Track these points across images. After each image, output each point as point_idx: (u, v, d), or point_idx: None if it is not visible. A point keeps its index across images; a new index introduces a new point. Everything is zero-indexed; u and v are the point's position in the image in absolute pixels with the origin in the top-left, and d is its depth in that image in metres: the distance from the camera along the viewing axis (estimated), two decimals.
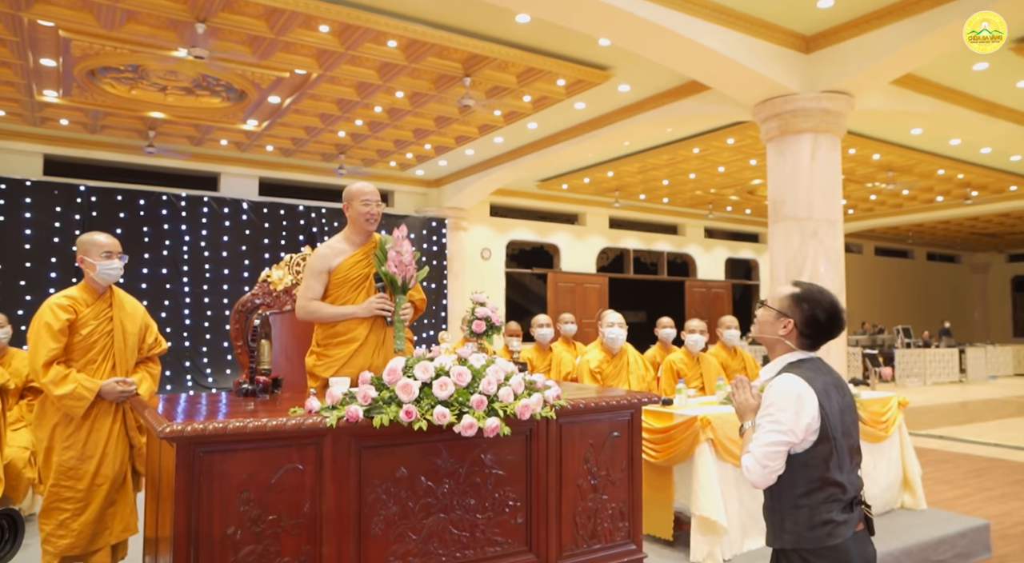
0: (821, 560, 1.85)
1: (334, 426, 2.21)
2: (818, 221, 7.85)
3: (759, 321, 2.08)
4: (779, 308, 2.01)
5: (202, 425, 2.05)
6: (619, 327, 4.39)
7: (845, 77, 7.50)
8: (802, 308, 1.98)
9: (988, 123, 9.77)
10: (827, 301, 2.01)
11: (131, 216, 10.59)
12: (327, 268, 3.02)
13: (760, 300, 2.08)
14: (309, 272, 3.05)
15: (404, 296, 2.98)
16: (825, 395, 1.88)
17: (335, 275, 3.03)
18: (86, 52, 7.48)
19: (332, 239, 3.19)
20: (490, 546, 2.54)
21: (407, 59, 8.03)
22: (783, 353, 2.01)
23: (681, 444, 3.47)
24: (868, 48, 7.26)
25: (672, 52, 7.15)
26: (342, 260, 3.06)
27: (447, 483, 2.47)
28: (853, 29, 7.32)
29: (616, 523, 2.82)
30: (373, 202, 3.11)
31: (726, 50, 7.07)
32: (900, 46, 6.99)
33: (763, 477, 1.85)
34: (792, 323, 1.98)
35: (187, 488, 2.05)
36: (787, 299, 2.01)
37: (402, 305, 2.96)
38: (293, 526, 2.20)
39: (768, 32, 7.35)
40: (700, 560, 3.34)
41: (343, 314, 2.97)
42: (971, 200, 14.90)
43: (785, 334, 1.99)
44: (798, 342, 2.00)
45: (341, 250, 3.10)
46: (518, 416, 2.37)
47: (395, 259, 2.92)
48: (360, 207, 3.10)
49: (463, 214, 14.14)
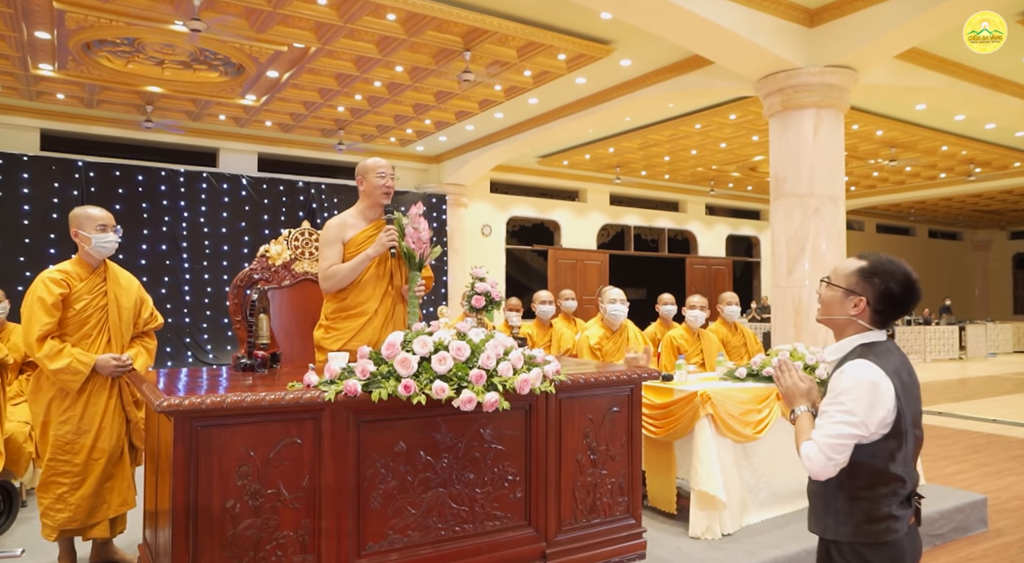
0: (876, 555, 1.76)
1: (332, 400, 2.20)
2: (820, 197, 7.80)
3: (824, 302, 1.91)
4: (847, 285, 1.85)
5: (199, 399, 2.04)
6: (620, 303, 4.37)
7: (849, 51, 7.40)
8: (873, 283, 1.82)
9: (993, 98, 9.67)
10: (900, 272, 1.84)
11: (129, 192, 10.54)
12: (341, 239, 3.03)
13: (823, 279, 1.92)
14: (325, 243, 3.06)
15: (419, 273, 2.97)
16: (900, 383, 1.74)
17: (348, 248, 3.04)
18: (81, 25, 7.37)
19: (345, 213, 3.19)
20: (489, 520, 2.54)
21: (406, 33, 7.92)
22: (854, 333, 1.85)
23: (681, 420, 3.47)
24: (872, 22, 7.16)
25: (674, 26, 7.05)
26: (355, 233, 3.07)
27: (446, 458, 2.47)
28: (857, 2, 7.22)
29: (615, 498, 2.82)
30: (388, 175, 3.11)
31: (729, 24, 6.97)
32: (905, 20, 6.90)
33: (825, 469, 1.71)
34: (864, 301, 1.82)
35: (185, 462, 2.05)
36: (854, 275, 1.85)
37: (416, 281, 2.95)
38: (292, 500, 2.20)
39: (772, 5, 7.25)
40: (699, 534, 3.36)
41: (359, 261, 2.99)
42: (974, 177, 14.81)
43: (857, 313, 1.83)
44: (870, 320, 1.84)
45: (354, 224, 3.11)
46: (517, 391, 2.36)
47: (413, 235, 2.92)
48: (376, 180, 3.09)
49: (463, 190, 14.07)
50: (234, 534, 2.11)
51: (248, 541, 2.13)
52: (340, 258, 3.01)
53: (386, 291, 3.01)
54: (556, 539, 2.67)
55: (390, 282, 3.04)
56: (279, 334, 3.58)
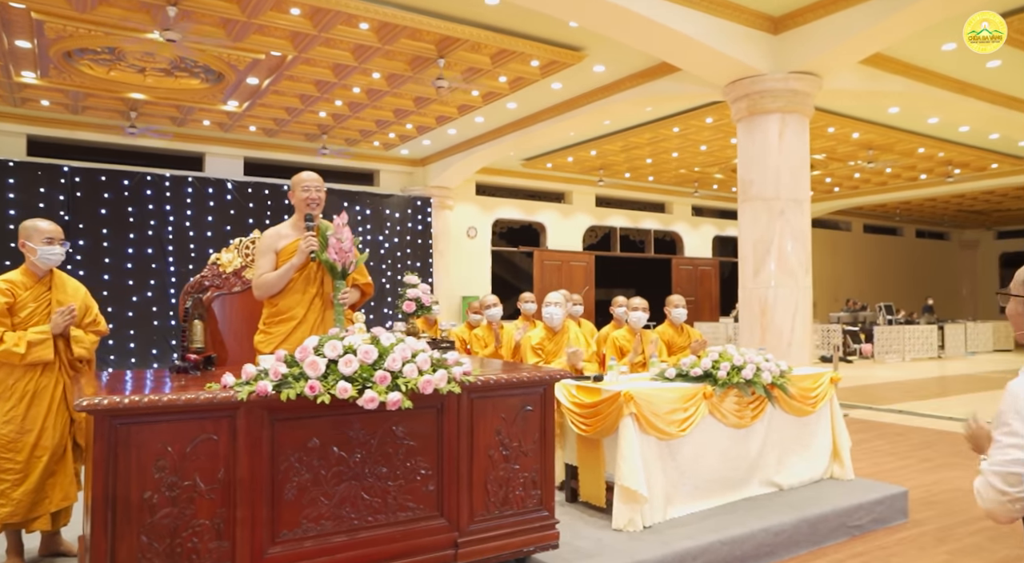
0: None
1: (245, 400, 2.39)
2: (785, 200, 7.98)
3: (1011, 316, 1.64)
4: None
5: (118, 398, 2.23)
6: (555, 306, 4.57)
7: (812, 57, 7.57)
8: None
9: (963, 102, 9.83)
10: None
11: (115, 196, 10.74)
12: (274, 249, 3.23)
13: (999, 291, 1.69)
14: (259, 253, 3.26)
15: (344, 281, 3.16)
16: None
17: (280, 257, 3.23)
18: (60, 34, 7.57)
19: (281, 224, 3.40)
20: (401, 511, 2.73)
21: (380, 41, 8.11)
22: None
23: (607, 418, 3.66)
24: (835, 28, 7.33)
25: (640, 35, 7.23)
26: (287, 243, 3.26)
27: (359, 453, 2.66)
28: (819, 10, 7.38)
29: (528, 491, 3.01)
30: (313, 188, 3.29)
31: (694, 32, 7.14)
32: (867, 26, 7.06)
33: (1000, 504, 1.44)
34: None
35: (104, 456, 2.24)
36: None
37: (341, 290, 3.14)
38: (208, 491, 2.39)
39: (736, 13, 7.42)
40: (622, 527, 3.55)
41: (285, 270, 3.18)
42: (953, 178, 14.97)
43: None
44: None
45: (287, 234, 3.31)
46: (420, 391, 2.55)
47: (335, 246, 3.10)
48: (300, 194, 3.29)
49: (448, 193, 14.25)
50: (152, 522, 2.30)
51: (165, 529, 2.32)
52: (272, 267, 3.21)
53: (315, 297, 3.20)
54: (468, 529, 2.86)
55: (319, 289, 3.24)
56: (229, 339, 3.77)
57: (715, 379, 3.90)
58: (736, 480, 4.01)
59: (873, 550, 3.72)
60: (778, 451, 4.23)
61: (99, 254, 10.59)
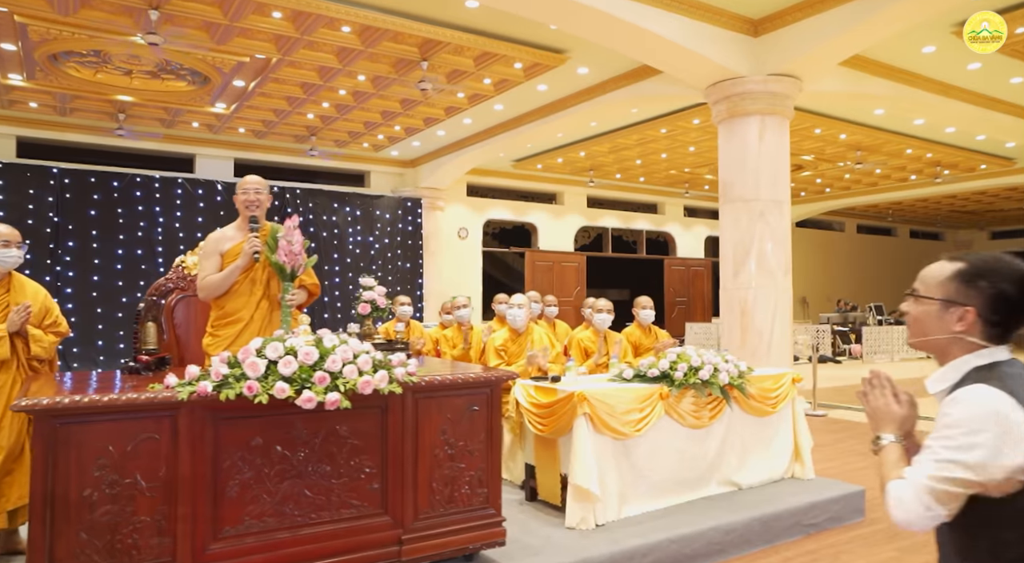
0: None
1: (186, 400, 2.45)
2: (765, 202, 8.03)
3: (916, 320, 1.52)
4: (944, 295, 1.46)
5: (58, 399, 2.30)
6: (518, 308, 4.62)
7: (791, 60, 7.62)
8: (980, 287, 1.43)
9: (947, 104, 9.87)
10: (1013, 269, 1.44)
11: (105, 198, 10.82)
12: (219, 251, 3.29)
13: (908, 291, 1.56)
14: (203, 255, 3.33)
15: (292, 283, 3.22)
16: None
17: (225, 259, 3.29)
18: (44, 37, 7.65)
19: (226, 227, 3.46)
20: (345, 509, 2.79)
21: (363, 44, 8.17)
22: (963, 354, 1.45)
23: (562, 418, 3.72)
24: (813, 31, 7.38)
25: (620, 38, 7.28)
26: (231, 246, 3.32)
27: (302, 451, 2.72)
28: (797, 13, 7.44)
29: (475, 489, 3.07)
30: (252, 190, 3.36)
31: (673, 36, 7.19)
32: (844, 29, 7.11)
33: (920, 520, 1.36)
34: (971, 311, 1.43)
35: (44, 455, 2.30)
36: (952, 280, 1.46)
37: (289, 291, 3.20)
38: (149, 489, 2.45)
39: (716, 17, 7.47)
40: (574, 525, 3.60)
41: (230, 271, 3.24)
42: (942, 179, 15.01)
43: (964, 328, 1.44)
44: (983, 334, 1.44)
45: (232, 237, 3.37)
46: (360, 391, 2.61)
47: (285, 248, 3.16)
48: (240, 196, 3.36)
49: (439, 194, 14.32)
50: (91, 519, 2.36)
51: (105, 526, 2.38)
52: (216, 269, 3.27)
53: (261, 299, 3.27)
54: (413, 526, 2.92)
55: (266, 290, 3.30)
56: (191, 340, 3.83)
57: (672, 380, 3.96)
58: (694, 480, 4.07)
59: (824, 547, 3.77)
60: (738, 451, 4.29)
61: (89, 255, 10.67)
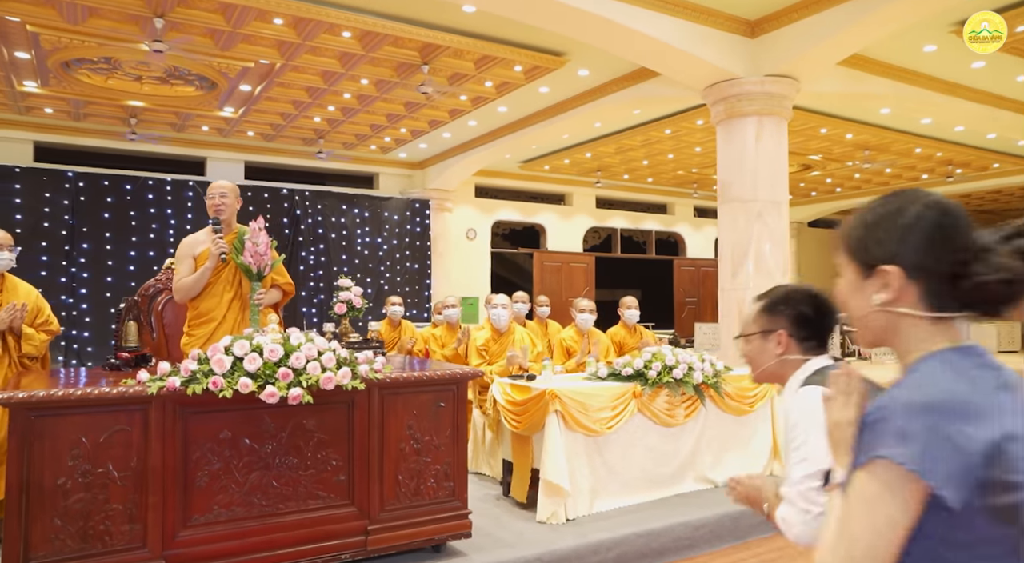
0: None
1: (155, 394, 2.59)
2: (763, 203, 8.05)
3: (749, 357, 1.72)
4: (760, 328, 1.70)
5: (32, 393, 2.44)
6: (501, 308, 4.73)
7: (789, 60, 7.64)
8: (783, 312, 1.66)
9: (953, 103, 9.81)
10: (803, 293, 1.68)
11: (118, 200, 11.08)
12: (191, 254, 3.44)
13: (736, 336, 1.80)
14: (178, 259, 3.48)
15: (259, 283, 3.35)
16: None
17: (198, 262, 3.44)
18: (55, 46, 7.88)
19: (199, 231, 3.60)
20: (312, 499, 2.92)
21: (364, 49, 8.32)
22: (794, 371, 1.64)
23: (535, 415, 3.81)
24: (810, 31, 7.39)
25: (614, 41, 7.35)
26: (203, 249, 3.47)
27: (270, 444, 2.84)
28: (794, 13, 7.45)
29: (441, 483, 3.18)
30: (216, 194, 3.51)
31: (670, 38, 7.24)
32: (840, 28, 7.11)
33: (806, 525, 1.40)
34: (783, 333, 1.65)
35: (19, 445, 2.45)
36: (761, 314, 1.71)
37: (257, 291, 3.33)
38: (120, 478, 2.59)
39: (712, 18, 7.50)
40: (545, 519, 3.70)
41: (201, 273, 3.40)
42: (954, 178, 14.87)
43: (783, 349, 1.65)
44: (800, 349, 1.65)
45: (203, 240, 3.52)
46: (322, 387, 2.73)
47: (251, 250, 3.29)
48: (207, 201, 3.50)
49: (447, 195, 14.45)
50: (65, 506, 2.50)
51: (78, 512, 2.52)
52: (190, 272, 3.42)
53: (233, 299, 3.41)
54: (379, 517, 3.04)
55: (237, 291, 3.44)
56: (177, 338, 3.98)
57: (646, 379, 4.04)
58: (668, 477, 4.15)
59: (766, 551, 3.82)
60: (714, 449, 4.35)
61: (102, 256, 10.94)
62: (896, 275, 1.04)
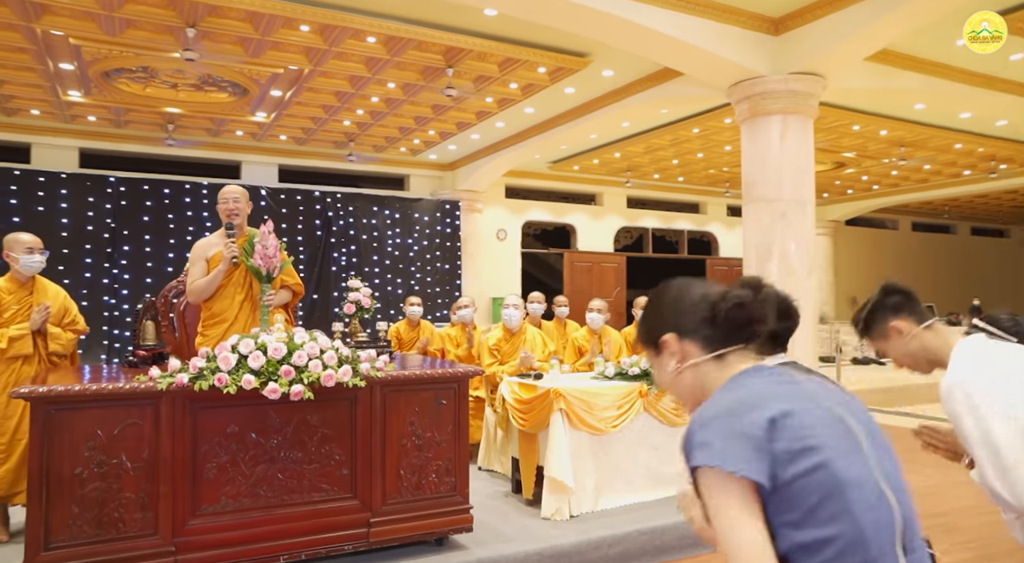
0: None
1: (165, 390, 2.73)
2: (787, 202, 7.96)
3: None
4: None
5: (51, 387, 2.60)
6: (513, 308, 4.80)
7: (813, 58, 7.55)
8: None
9: (991, 97, 9.55)
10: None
11: (157, 204, 11.47)
12: (204, 257, 3.59)
13: None
14: (192, 262, 3.63)
15: (269, 285, 3.49)
16: None
17: (210, 264, 3.59)
18: (96, 56, 8.22)
19: (212, 234, 3.76)
20: (315, 492, 3.04)
21: (389, 53, 8.48)
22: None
23: (541, 413, 3.88)
24: (834, 28, 7.30)
25: (639, 43, 7.35)
26: (216, 251, 3.62)
27: (275, 439, 2.97)
28: (818, 10, 7.37)
29: (442, 478, 3.27)
30: (231, 199, 3.65)
31: (692, 38, 7.21)
32: (866, 24, 7.01)
33: None
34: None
35: (40, 437, 2.61)
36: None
37: (267, 292, 3.47)
38: (133, 469, 2.74)
39: (734, 16, 7.46)
40: (549, 515, 3.77)
41: (214, 275, 3.53)
42: (997, 174, 14.44)
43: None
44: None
45: (216, 243, 3.67)
46: (323, 384, 2.85)
47: (260, 252, 3.43)
48: (221, 206, 3.64)
49: (477, 196, 14.57)
50: (82, 495, 2.66)
51: (94, 500, 2.68)
52: (203, 274, 3.57)
53: (244, 300, 3.55)
54: (381, 510, 3.14)
55: (248, 292, 3.58)
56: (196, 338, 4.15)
57: (652, 378, 4.07)
58: (672, 475, 4.17)
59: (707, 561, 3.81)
60: None
61: (142, 259, 11.34)
62: (672, 339, 1.26)
